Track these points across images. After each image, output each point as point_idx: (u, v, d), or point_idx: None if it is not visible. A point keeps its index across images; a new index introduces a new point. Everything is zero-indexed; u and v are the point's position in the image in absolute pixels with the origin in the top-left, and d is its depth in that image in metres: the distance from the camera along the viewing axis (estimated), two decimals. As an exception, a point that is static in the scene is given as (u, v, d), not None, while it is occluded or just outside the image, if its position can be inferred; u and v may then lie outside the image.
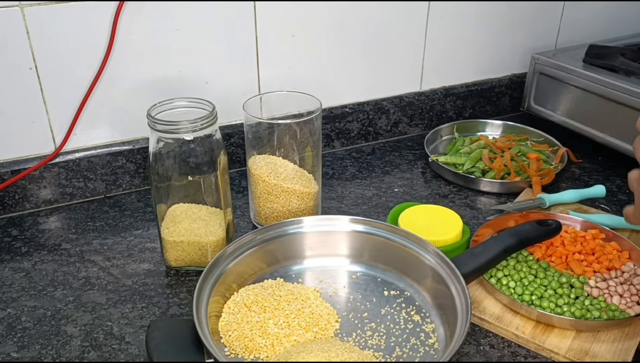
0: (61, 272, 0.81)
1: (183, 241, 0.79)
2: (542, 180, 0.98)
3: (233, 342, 0.67)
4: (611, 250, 0.79)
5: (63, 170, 0.94)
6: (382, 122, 1.17)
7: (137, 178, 1.00)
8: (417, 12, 1.10)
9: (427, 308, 0.73)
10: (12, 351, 0.68)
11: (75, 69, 0.89)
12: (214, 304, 0.69)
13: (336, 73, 1.09)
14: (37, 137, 0.92)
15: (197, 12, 0.93)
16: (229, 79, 1.00)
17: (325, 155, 1.13)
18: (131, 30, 0.90)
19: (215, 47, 0.97)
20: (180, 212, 0.79)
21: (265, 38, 1.00)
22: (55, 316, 0.73)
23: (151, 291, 0.77)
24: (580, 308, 0.70)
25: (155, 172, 0.76)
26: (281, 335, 0.67)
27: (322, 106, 0.85)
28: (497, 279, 0.75)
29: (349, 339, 0.69)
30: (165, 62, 0.95)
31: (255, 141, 0.85)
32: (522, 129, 1.16)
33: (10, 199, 0.92)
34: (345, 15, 1.04)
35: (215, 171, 0.76)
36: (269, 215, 0.87)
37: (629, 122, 1.00)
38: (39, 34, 0.85)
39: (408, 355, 0.66)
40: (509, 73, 1.27)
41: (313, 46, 1.05)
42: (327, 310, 0.72)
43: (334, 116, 1.12)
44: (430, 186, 1.02)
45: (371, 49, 1.10)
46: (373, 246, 0.79)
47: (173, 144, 0.74)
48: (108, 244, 0.87)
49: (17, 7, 0.83)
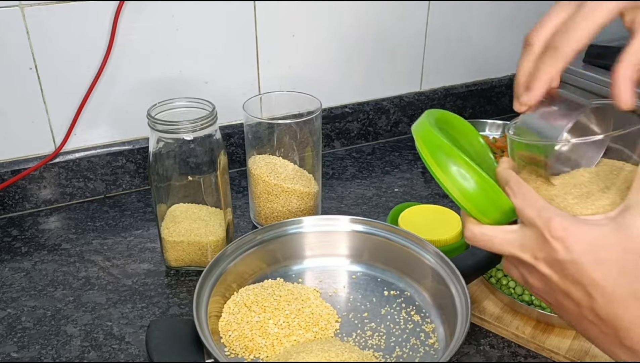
0: (61, 272, 0.81)
1: (183, 241, 0.78)
2: (542, 180, 0.97)
3: (233, 342, 0.67)
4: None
5: (63, 170, 0.94)
6: (382, 122, 1.17)
7: (137, 178, 1.00)
8: (417, 12, 1.10)
9: (427, 308, 0.73)
10: (12, 351, 0.68)
11: (75, 69, 0.89)
12: (214, 304, 0.69)
13: (336, 73, 1.09)
14: (37, 137, 0.92)
15: (197, 12, 0.93)
16: (229, 79, 1.00)
17: (325, 155, 1.13)
18: (131, 30, 0.90)
19: (215, 47, 0.97)
20: (180, 212, 0.79)
21: (265, 38, 1.00)
22: (55, 317, 0.73)
23: (151, 291, 0.77)
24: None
25: (155, 172, 0.76)
26: (281, 335, 0.67)
27: (322, 106, 0.85)
28: (497, 279, 0.75)
29: (349, 339, 0.69)
30: (165, 62, 0.95)
31: (255, 141, 0.85)
32: (522, 129, 1.16)
33: (10, 199, 0.92)
34: (345, 15, 1.04)
35: (215, 171, 0.76)
36: (269, 215, 0.87)
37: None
38: (39, 34, 0.85)
39: (408, 355, 0.66)
40: (509, 73, 1.27)
41: (313, 46, 1.05)
42: (327, 310, 0.72)
43: (334, 116, 1.12)
44: (430, 186, 1.02)
45: (371, 49, 1.10)
46: (373, 246, 0.79)
47: (173, 144, 0.74)
48: (108, 244, 0.87)
49: (17, 7, 0.83)
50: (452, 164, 0.47)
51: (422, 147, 0.49)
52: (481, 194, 0.46)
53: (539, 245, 0.43)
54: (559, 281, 0.43)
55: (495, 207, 0.46)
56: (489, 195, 0.46)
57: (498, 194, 0.46)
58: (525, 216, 0.45)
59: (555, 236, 0.42)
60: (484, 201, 0.46)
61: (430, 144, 0.48)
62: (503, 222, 0.48)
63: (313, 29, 1.03)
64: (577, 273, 0.42)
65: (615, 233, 0.41)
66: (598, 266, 0.41)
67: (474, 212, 0.47)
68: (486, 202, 0.46)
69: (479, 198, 0.46)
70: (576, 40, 0.46)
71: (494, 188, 0.46)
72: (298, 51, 1.04)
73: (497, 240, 0.46)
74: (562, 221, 0.42)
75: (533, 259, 0.44)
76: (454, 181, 0.47)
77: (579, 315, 0.44)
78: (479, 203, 0.46)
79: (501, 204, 0.46)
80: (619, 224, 0.41)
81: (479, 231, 0.47)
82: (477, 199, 0.46)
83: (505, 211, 0.46)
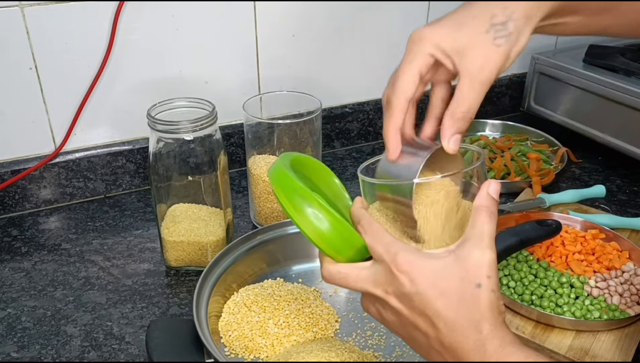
0: (61, 272, 0.81)
1: (183, 241, 0.78)
2: (542, 180, 0.98)
3: (233, 342, 0.67)
4: (611, 250, 0.79)
5: (63, 170, 0.94)
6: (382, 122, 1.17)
7: (137, 178, 1.00)
8: (417, 12, 1.10)
9: (427, 308, 0.73)
10: (12, 351, 0.68)
11: (75, 69, 0.89)
12: (214, 304, 0.69)
13: (336, 73, 1.09)
14: (37, 137, 0.92)
15: (197, 12, 0.93)
16: (229, 79, 1.00)
17: (325, 155, 1.13)
18: (131, 30, 0.90)
19: (215, 47, 0.97)
20: (180, 212, 0.79)
21: (265, 38, 1.00)
22: (55, 317, 0.73)
23: (151, 291, 0.77)
24: (580, 308, 0.70)
25: (155, 172, 0.76)
26: (281, 335, 0.67)
27: (322, 106, 0.85)
28: (497, 279, 0.75)
29: (349, 339, 0.69)
30: (165, 62, 0.95)
31: (255, 141, 0.85)
32: (522, 129, 1.16)
33: (10, 199, 0.92)
34: (345, 15, 1.04)
35: (215, 171, 0.76)
36: (269, 215, 0.87)
37: (629, 122, 1.00)
38: (39, 34, 0.85)
39: (408, 355, 0.66)
40: (509, 73, 1.27)
41: (313, 46, 1.05)
42: (327, 310, 0.72)
43: (334, 116, 1.12)
44: (430, 186, 1.02)
45: (371, 48, 1.10)
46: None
47: (173, 144, 0.74)
48: (108, 244, 0.87)
49: (17, 7, 0.83)
50: (307, 207, 0.49)
51: (277, 190, 0.50)
52: (335, 235, 0.48)
53: (389, 279, 0.46)
54: (409, 314, 0.46)
55: (349, 246, 0.49)
56: (343, 235, 0.48)
57: (351, 233, 0.49)
58: (375, 253, 0.47)
59: (401, 270, 0.45)
60: (338, 241, 0.48)
61: (285, 187, 0.50)
62: (357, 260, 0.50)
63: (313, 29, 1.03)
64: (422, 305, 0.45)
65: (453, 264, 0.45)
66: (440, 297, 0.44)
67: (330, 251, 0.49)
68: (340, 241, 0.48)
69: (333, 238, 0.48)
70: (401, 92, 0.51)
71: (347, 228, 0.49)
72: (298, 51, 1.04)
73: (351, 277, 0.49)
74: (406, 255, 0.45)
75: (384, 294, 0.47)
76: (309, 222, 0.49)
77: (427, 346, 0.46)
78: (334, 242, 0.48)
79: (354, 242, 0.49)
80: (457, 256, 0.45)
81: (335, 270, 0.49)
82: (331, 239, 0.48)
83: (359, 249, 0.49)
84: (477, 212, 0.47)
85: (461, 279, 0.44)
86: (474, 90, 0.49)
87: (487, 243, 0.45)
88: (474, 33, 0.48)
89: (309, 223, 0.49)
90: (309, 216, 0.48)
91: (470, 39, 0.48)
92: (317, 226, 0.48)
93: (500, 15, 0.48)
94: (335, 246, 0.49)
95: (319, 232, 0.49)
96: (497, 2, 0.49)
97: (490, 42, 0.48)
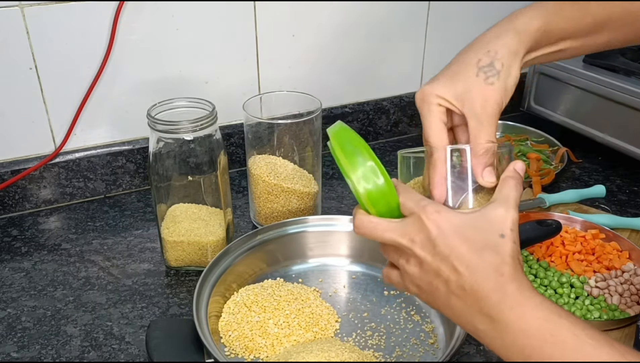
0: (61, 272, 0.81)
1: (183, 241, 0.78)
2: (542, 180, 0.98)
3: (233, 342, 0.67)
4: (611, 250, 0.79)
5: (63, 170, 0.94)
6: (382, 122, 1.17)
7: (137, 178, 1.00)
8: (417, 12, 1.10)
9: (427, 308, 0.73)
10: (12, 351, 0.68)
11: (75, 69, 0.89)
12: (214, 304, 0.69)
13: (336, 73, 1.09)
14: (37, 137, 0.92)
15: (197, 12, 0.93)
16: (229, 79, 1.00)
17: (325, 155, 1.12)
18: (131, 30, 0.90)
19: (215, 47, 0.97)
20: (180, 212, 0.79)
21: (265, 38, 1.00)
22: (55, 316, 0.73)
23: (151, 291, 0.77)
24: (580, 308, 0.70)
25: (155, 172, 0.76)
26: (281, 335, 0.67)
27: (322, 106, 0.85)
28: (497, 279, 0.75)
29: (349, 339, 0.69)
30: (165, 62, 0.95)
31: (255, 141, 0.85)
32: (522, 129, 1.16)
33: (10, 199, 0.92)
34: (345, 15, 1.04)
35: (215, 171, 0.76)
36: (269, 215, 0.87)
37: (629, 122, 1.00)
38: (39, 34, 0.85)
39: (408, 355, 0.66)
40: (509, 73, 1.27)
41: (313, 46, 1.05)
42: (327, 310, 0.72)
43: (334, 116, 1.12)
44: (430, 186, 1.02)
45: (371, 49, 1.10)
46: (373, 246, 0.78)
47: (173, 144, 0.74)
48: (108, 244, 0.87)
49: (17, 7, 0.83)
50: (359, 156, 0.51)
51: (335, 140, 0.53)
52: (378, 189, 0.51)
53: (416, 228, 0.49)
54: (432, 261, 0.48)
55: (385, 202, 0.51)
56: (384, 190, 0.51)
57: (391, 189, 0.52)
58: (407, 207, 0.50)
59: (430, 218, 0.48)
60: (378, 195, 0.51)
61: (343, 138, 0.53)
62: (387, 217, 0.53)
63: (313, 29, 1.03)
64: (447, 249, 0.47)
65: (479, 217, 0.48)
66: (464, 242, 0.47)
67: (368, 203, 0.52)
68: (379, 195, 0.51)
69: (374, 191, 0.51)
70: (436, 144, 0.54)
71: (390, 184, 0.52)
72: (298, 51, 1.04)
73: (380, 226, 0.51)
74: (436, 206, 0.49)
75: (410, 242, 0.49)
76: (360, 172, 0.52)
77: (447, 293, 0.48)
78: (373, 195, 0.51)
79: (390, 200, 0.51)
80: (482, 213, 0.49)
81: (367, 219, 0.52)
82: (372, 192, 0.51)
83: (393, 208, 0.51)
84: (504, 181, 0.51)
85: (485, 229, 0.48)
86: (483, 127, 0.52)
87: (512, 204, 0.49)
88: (467, 79, 0.53)
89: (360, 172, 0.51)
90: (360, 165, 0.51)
91: (466, 85, 0.53)
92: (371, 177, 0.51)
93: (484, 58, 0.54)
94: (373, 199, 0.51)
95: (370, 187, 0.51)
96: (481, 47, 0.55)
97: (483, 83, 0.53)
